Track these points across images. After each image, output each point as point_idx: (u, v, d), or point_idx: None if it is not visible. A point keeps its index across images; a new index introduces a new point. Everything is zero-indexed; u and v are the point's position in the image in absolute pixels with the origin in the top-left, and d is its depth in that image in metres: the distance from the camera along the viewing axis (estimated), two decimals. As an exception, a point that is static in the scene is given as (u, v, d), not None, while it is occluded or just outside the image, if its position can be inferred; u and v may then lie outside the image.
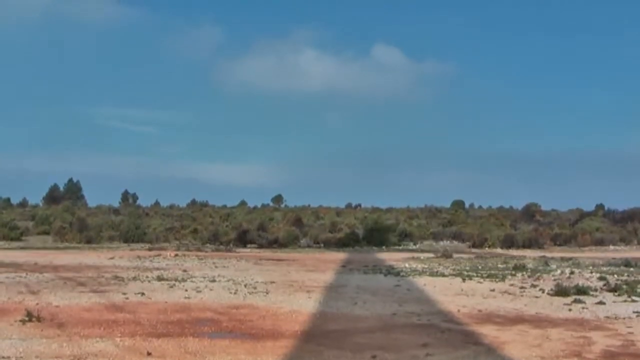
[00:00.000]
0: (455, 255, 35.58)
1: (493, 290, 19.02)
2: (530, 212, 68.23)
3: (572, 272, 24.22)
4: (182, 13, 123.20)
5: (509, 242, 48.30)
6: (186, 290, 18.08)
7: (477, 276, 23.23)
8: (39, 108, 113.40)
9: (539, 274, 23.64)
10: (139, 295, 16.94)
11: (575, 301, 16.30)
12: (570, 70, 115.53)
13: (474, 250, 45.07)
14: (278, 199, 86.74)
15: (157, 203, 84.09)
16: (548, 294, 18.01)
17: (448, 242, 52.88)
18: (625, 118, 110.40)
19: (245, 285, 19.68)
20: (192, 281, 20.76)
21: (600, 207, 71.48)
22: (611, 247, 48.84)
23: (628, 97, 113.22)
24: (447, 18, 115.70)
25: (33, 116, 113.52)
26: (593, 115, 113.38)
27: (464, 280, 21.94)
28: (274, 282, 20.81)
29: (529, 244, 47.98)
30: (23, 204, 79.81)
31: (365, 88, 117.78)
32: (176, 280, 21.06)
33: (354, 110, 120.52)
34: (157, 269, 25.80)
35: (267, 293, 17.88)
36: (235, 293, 17.74)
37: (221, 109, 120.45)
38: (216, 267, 27.38)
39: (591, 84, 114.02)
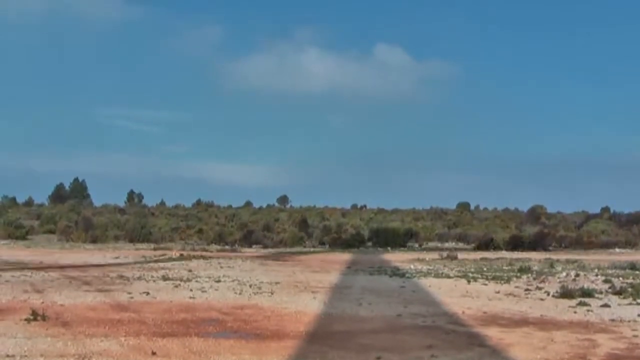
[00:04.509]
0: (460, 257, 35.54)
1: (498, 292, 18.98)
2: (535, 214, 68.10)
3: (577, 275, 24.12)
4: (184, 12, 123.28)
5: (514, 244, 48.20)
6: (191, 290, 18.10)
7: (482, 278, 23.19)
8: (43, 108, 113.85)
9: (544, 276, 23.57)
10: (144, 294, 16.97)
11: (580, 304, 16.24)
12: (577, 71, 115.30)
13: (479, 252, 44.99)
14: (283, 199, 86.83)
15: (162, 203, 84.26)
16: (553, 296, 17.95)
17: (453, 243, 52.84)
18: (633, 121, 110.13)
19: (250, 286, 19.69)
20: (197, 281, 20.78)
21: (605, 209, 71.28)
22: (617, 249, 48.67)
23: (635, 99, 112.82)
24: (450, 17, 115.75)
25: (38, 116, 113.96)
26: (600, 117, 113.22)
27: (469, 282, 21.90)
28: (279, 283, 20.82)
29: (534, 246, 47.88)
30: (29, 203, 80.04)
31: (369, 87, 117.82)
32: (181, 280, 21.09)
33: (359, 110, 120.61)
34: (162, 268, 25.86)
35: (272, 293, 17.89)
36: (240, 293, 17.75)
37: (225, 109, 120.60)
38: (221, 267, 27.41)
39: (598, 86, 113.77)
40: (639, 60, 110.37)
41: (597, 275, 24.18)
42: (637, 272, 25.87)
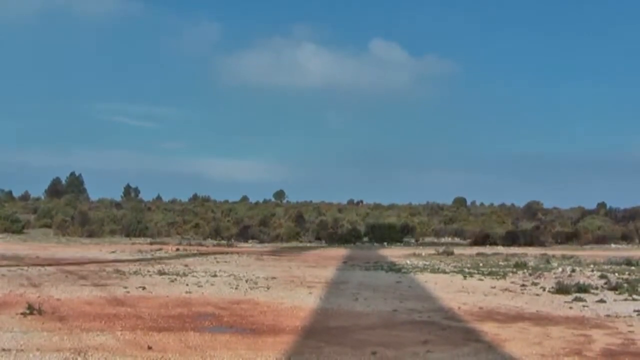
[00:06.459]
0: (456, 252, 35.60)
1: (494, 287, 19.01)
2: (532, 210, 68.27)
3: (573, 270, 24.20)
4: (182, 9, 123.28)
5: (510, 240, 48.29)
6: (187, 285, 18.09)
7: (478, 273, 23.23)
8: (41, 103, 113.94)
9: (540, 272, 23.63)
10: (140, 289, 16.96)
11: (576, 299, 16.29)
12: (573, 68, 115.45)
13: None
14: (280, 194, 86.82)
15: (159, 197, 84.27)
16: (549, 291, 18.00)
17: (449, 239, 52.90)
18: (629, 117, 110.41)
19: (246, 281, 19.70)
20: (193, 276, 20.78)
21: (602, 205, 71.43)
22: (613, 245, 48.79)
23: (631, 96, 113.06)
24: (447, 13, 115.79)
25: (35, 111, 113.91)
26: (597, 115, 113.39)
27: (465, 277, 21.94)
28: (275, 278, 20.83)
29: (530, 242, 47.97)
30: (25, 197, 79.93)
31: (366, 84, 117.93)
32: (177, 274, 21.09)
33: (355, 106, 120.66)
34: (159, 263, 25.84)
35: (268, 288, 17.89)
36: (236, 288, 17.76)
37: (222, 105, 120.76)
38: (217, 262, 27.41)
39: (594, 83, 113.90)
40: (636, 59, 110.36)
41: (593, 270, 24.26)
42: (633, 267, 25.94)
